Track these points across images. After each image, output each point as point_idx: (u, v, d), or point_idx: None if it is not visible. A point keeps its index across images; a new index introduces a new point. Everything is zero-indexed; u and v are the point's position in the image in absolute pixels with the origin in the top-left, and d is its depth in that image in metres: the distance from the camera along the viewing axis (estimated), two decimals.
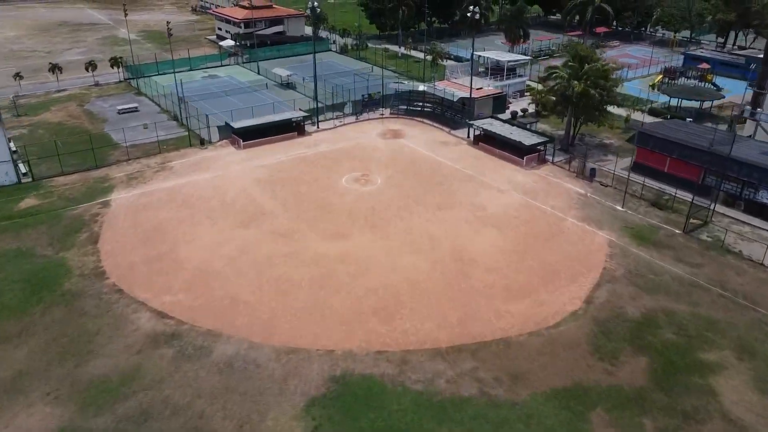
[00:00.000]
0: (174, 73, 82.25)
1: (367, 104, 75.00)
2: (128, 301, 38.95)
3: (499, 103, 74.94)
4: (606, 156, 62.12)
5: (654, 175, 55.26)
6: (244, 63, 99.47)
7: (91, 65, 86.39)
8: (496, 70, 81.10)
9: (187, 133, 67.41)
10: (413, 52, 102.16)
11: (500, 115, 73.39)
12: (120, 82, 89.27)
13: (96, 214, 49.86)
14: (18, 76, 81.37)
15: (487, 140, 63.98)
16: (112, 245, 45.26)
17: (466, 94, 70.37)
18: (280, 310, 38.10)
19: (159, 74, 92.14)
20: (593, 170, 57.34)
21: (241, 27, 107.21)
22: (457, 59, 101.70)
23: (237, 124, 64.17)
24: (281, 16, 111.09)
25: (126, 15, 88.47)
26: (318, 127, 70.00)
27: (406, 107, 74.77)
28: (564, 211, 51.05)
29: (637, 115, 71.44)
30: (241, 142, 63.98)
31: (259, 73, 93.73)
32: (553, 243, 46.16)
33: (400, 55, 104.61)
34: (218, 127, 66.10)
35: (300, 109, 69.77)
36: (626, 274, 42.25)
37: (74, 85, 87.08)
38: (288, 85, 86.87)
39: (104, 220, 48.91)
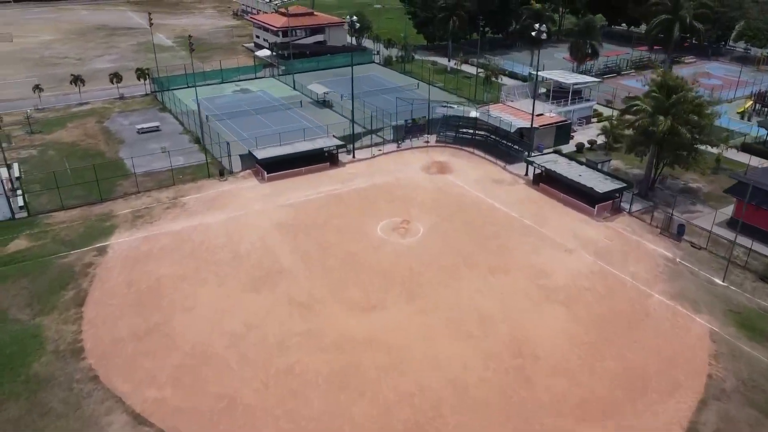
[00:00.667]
0: (194, 86, 75.18)
1: (410, 130, 66.28)
2: (103, 395, 31.34)
3: (562, 132, 65.13)
4: (694, 206, 51.73)
5: (761, 237, 44.75)
6: (279, 75, 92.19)
7: (116, 77, 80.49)
8: (559, 93, 71.21)
9: (207, 160, 60.15)
10: (464, 67, 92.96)
11: (564, 147, 63.67)
12: (146, 95, 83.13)
13: (89, 265, 42.75)
14: (38, 88, 76.02)
15: (550, 181, 54.42)
16: (98, 310, 37.93)
17: (525, 123, 60.91)
18: (286, 421, 29.80)
19: (188, 86, 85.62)
20: (682, 227, 47.12)
21: (278, 36, 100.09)
22: (512, 75, 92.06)
23: (261, 154, 56.44)
24: (322, 24, 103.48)
25: (151, 24, 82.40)
26: (354, 157, 61.71)
27: (454, 135, 65.76)
28: (648, 283, 41.19)
29: (727, 152, 60.38)
30: (265, 174, 56.25)
31: (294, 88, 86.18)
32: (638, 332, 36.47)
33: (449, 69, 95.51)
34: (241, 155, 58.48)
35: (334, 136, 61.53)
36: (739, 386, 32.30)
37: (97, 98, 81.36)
38: (324, 104, 78.93)
39: (96, 273, 41.73)
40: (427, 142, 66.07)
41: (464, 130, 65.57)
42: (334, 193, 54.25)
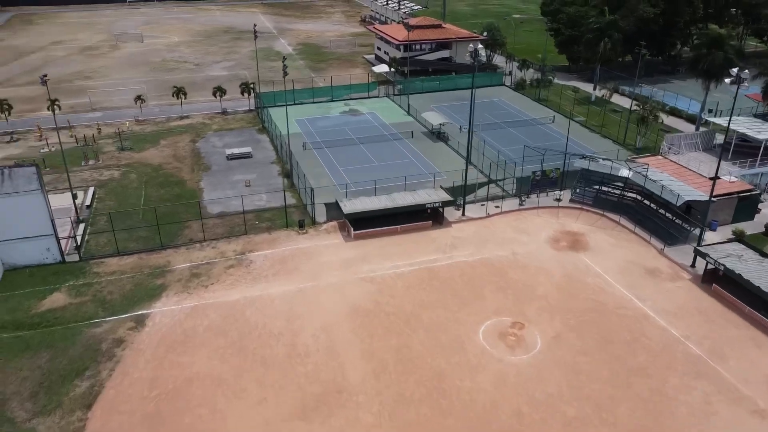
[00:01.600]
0: (287, 106, 67.11)
1: (538, 183, 53.24)
2: None
3: (746, 204, 48.85)
4: None
5: None
6: (394, 95, 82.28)
7: (219, 91, 74.86)
8: (744, 148, 54.53)
9: (287, 203, 51.46)
10: (613, 97, 77.32)
11: (746, 225, 47.56)
12: (249, 111, 76.90)
13: (119, 341, 35.10)
14: (140, 99, 72.14)
15: (729, 282, 39.26)
16: (105, 420, 29.79)
17: (698, 195, 45.71)
18: None
19: (295, 104, 78.39)
20: None
21: (399, 50, 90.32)
22: (673, 112, 74.98)
23: (349, 207, 46.45)
24: (449, 39, 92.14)
25: (255, 37, 75.74)
26: (463, 215, 49.99)
27: (594, 194, 51.80)
28: None
29: None
30: (353, 231, 46.28)
31: (408, 113, 75.78)
32: None
33: (593, 98, 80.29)
34: (326, 204, 48.95)
35: (441, 187, 50.09)
36: None
37: (199, 111, 76.35)
38: (439, 136, 67.72)
39: (122, 357, 33.90)
40: (559, 200, 52.65)
41: (609, 190, 51.38)
42: (431, 266, 42.95)
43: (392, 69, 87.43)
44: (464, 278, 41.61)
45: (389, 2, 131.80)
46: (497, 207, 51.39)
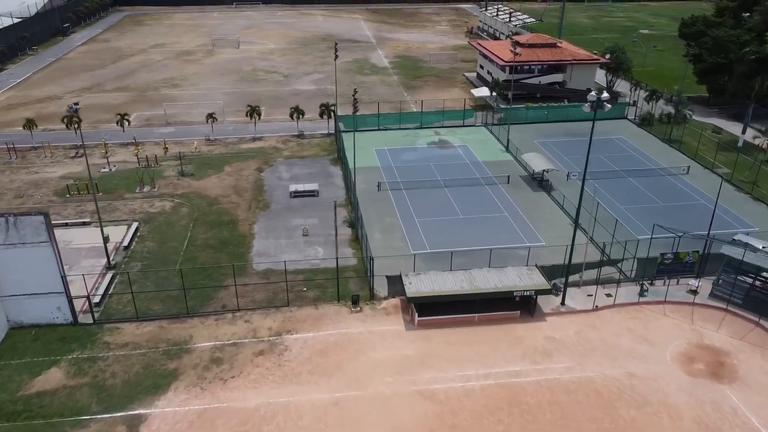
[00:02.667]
0: (367, 131, 58.46)
1: (667, 268, 40.83)
2: None
3: None
4: None
5: None
6: (493, 124, 71.39)
7: (297, 112, 67.70)
8: None
9: (353, 259, 42.88)
10: None
11: None
12: (327, 135, 69.23)
13: None
14: (211, 117, 66.52)
15: None
16: None
17: None
18: None
19: (378, 129, 69.89)
20: None
21: (504, 72, 79.16)
22: None
23: (414, 287, 36.88)
24: (563, 61, 79.59)
25: (336, 57, 67.99)
26: (563, 303, 38.88)
27: (747, 290, 38.72)
28: None
29: None
30: (416, 317, 36.74)
31: (506, 149, 64.76)
32: None
33: (741, 144, 65.11)
34: (388, 277, 39.67)
35: (537, 266, 39.24)
36: None
37: (274, 132, 69.72)
38: (541, 184, 56.37)
39: None
40: (695, 292, 40.01)
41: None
42: (513, 382, 32.46)
43: (494, 93, 76.52)
44: (555, 410, 30.75)
45: (499, 13, 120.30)
46: (609, 296, 39.71)
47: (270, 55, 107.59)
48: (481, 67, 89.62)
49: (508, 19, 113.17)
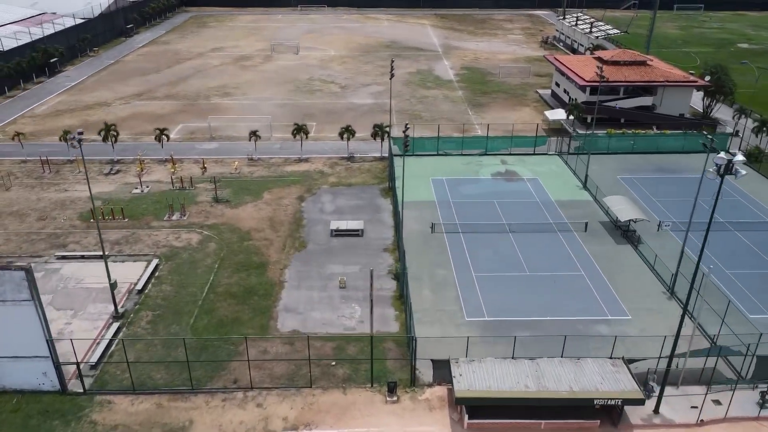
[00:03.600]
0: (424, 156, 51.34)
1: None
2: None
3: None
4: None
5: None
6: (569, 153, 62.51)
7: (347, 132, 61.14)
8: None
9: (394, 324, 35.90)
10: None
11: None
12: (380, 158, 62.39)
13: None
14: (254, 135, 60.91)
15: None
16: None
17: None
18: None
19: (437, 154, 62.50)
20: None
21: (583, 92, 69.96)
22: None
23: (465, 384, 29.28)
24: (654, 82, 69.45)
25: (392, 77, 60.62)
26: (656, 411, 30.35)
27: None
28: None
29: None
30: (466, 420, 29.24)
31: (584, 186, 55.92)
32: None
33: None
34: (434, 361, 32.26)
35: (623, 360, 30.82)
36: None
37: (323, 153, 63.54)
38: (626, 235, 47.38)
39: None
40: None
41: None
42: None
43: (571, 117, 67.53)
44: None
45: (579, 22, 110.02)
46: (718, 404, 30.85)
47: (329, 63, 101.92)
48: (557, 84, 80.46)
49: (588, 30, 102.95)
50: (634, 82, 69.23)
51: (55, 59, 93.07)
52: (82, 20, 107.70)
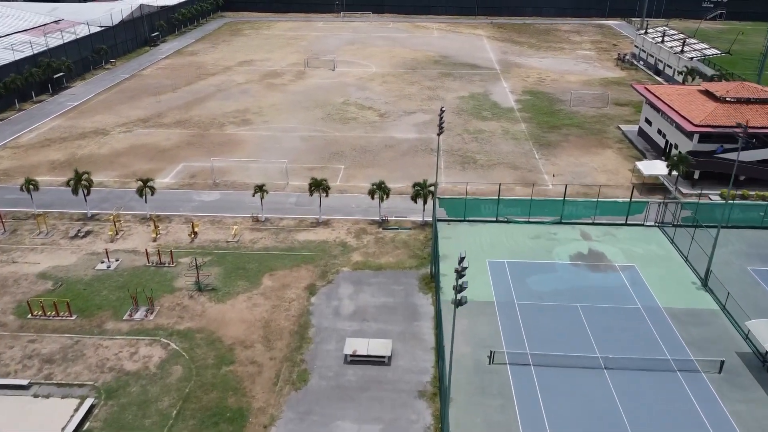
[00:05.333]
0: (477, 222, 36.77)
1: None
2: None
3: None
4: None
5: None
6: (675, 225, 46.64)
7: (379, 190, 46.95)
8: None
9: None
10: None
11: None
12: (421, 226, 48.05)
13: None
14: (261, 190, 47.40)
15: None
16: None
17: None
18: None
19: (496, 221, 47.79)
20: None
21: (691, 139, 53.79)
22: None
23: None
24: None
25: (440, 132, 46.09)
26: None
27: None
28: None
29: None
30: None
31: (704, 285, 40.13)
32: None
33: None
34: None
35: None
36: None
37: (347, 213, 49.67)
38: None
39: None
40: None
41: None
42: None
43: (675, 173, 51.56)
44: None
45: (665, 39, 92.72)
46: None
47: (369, 83, 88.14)
48: (648, 121, 64.23)
49: (680, 49, 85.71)
50: (763, 128, 52.66)
51: (61, 74, 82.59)
52: (100, 28, 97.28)
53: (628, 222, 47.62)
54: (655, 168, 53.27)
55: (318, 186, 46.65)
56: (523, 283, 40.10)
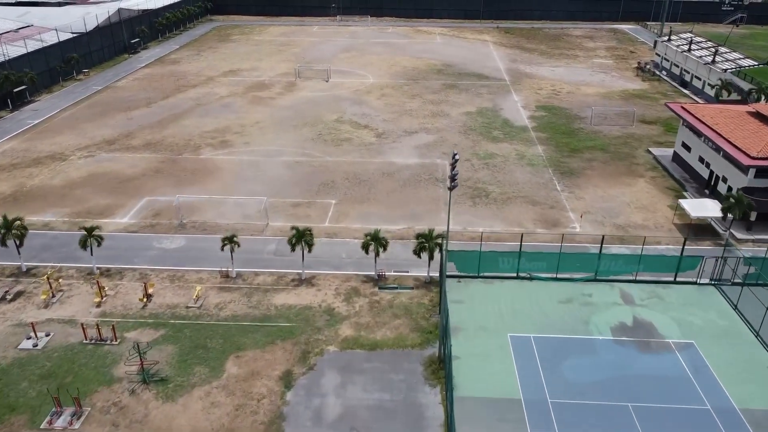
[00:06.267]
0: (493, 278, 28.15)
1: None
2: None
3: None
4: None
5: None
6: (736, 284, 38.18)
7: (374, 242, 38.41)
8: None
9: None
10: None
11: None
12: (426, 284, 39.51)
13: None
14: (230, 243, 38.82)
15: None
16: None
17: None
18: None
19: (516, 277, 39.28)
20: None
21: (746, 173, 45.33)
22: None
23: None
24: None
25: (452, 187, 37.67)
26: None
27: None
28: None
29: None
30: None
31: None
32: None
33: None
34: None
35: None
36: None
37: (337, 266, 41.06)
38: None
39: None
40: None
41: None
42: None
43: (730, 215, 43.05)
44: None
45: (693, 46, 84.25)
46: None
47: (366, 96, 79.66)
48: (686, 147, 55.71)
49: (710, 59, 77.20)
50: None
51: (23, 87, 74.16)
52: (72, 35, 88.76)
53: (677, 278, 39.14)
54: (705, 209, 44.76)
55: (300, 239, 38.10)
56: (556, 371, 31.64)
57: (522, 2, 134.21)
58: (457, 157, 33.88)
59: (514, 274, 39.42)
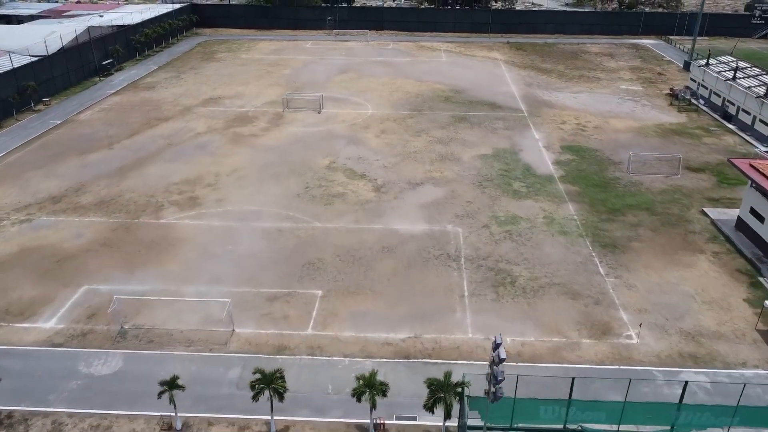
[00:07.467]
0: None
1: None
2: None
3: None
4: None
5: None
6: None
7: (368, 389, 27.83)
8: None
9: None
10: None
11: None
12: None
13: None
14: (172, 388, 28.19)
15: None
16: None
17: None
18: None
19: (564, 430, 28.63)
20: None
21: None
22: None
23: None
24: None
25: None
26: None
27: None
28: None
29: None
30: None
31: None
32: None
33: None
34: None
35: None
36: None
37: (320, 409, 30.54)
38: None
39: None
40: None
41: None
42: None
43: None
44: None
45: (738, 72, 73.61)
46: None
47: (363, 132, 69.11)
48: (757, 215, 45.09)
49: (765, 93, 66.50)
50: None
51: None
52: (31, 59, 78.30)
53: None
54: None
55: (267, 385, 27.45)
56: None
57: (533, 15, 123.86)
58: (503, 356, 22.89)
59: (561, 426, 28.86)
